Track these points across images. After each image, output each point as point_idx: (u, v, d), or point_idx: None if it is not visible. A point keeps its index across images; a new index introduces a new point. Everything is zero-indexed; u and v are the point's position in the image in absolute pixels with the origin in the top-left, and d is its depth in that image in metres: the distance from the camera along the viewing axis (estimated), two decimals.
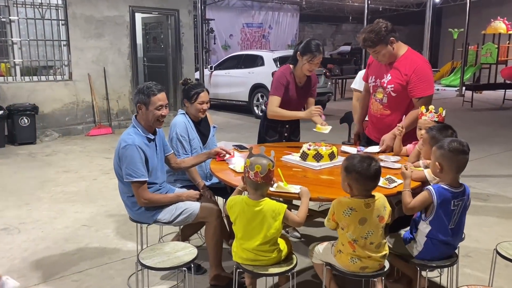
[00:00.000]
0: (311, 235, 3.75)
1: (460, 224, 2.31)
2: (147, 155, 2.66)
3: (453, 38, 18.33)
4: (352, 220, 2.12)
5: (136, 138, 2.64)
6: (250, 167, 2.20)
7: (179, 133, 3.14)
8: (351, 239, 2.14)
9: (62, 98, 8.11)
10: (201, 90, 3.19)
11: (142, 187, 2.64)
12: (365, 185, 2.12)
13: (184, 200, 2.81)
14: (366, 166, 2.10)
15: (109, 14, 8.40)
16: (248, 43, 18.16)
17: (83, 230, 3.90)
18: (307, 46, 3.37)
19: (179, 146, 3.14)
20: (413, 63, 3.08)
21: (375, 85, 3.26)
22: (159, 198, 2.75)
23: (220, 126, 9.57)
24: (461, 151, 2.22)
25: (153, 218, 2.76)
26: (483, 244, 3.61)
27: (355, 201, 2.14)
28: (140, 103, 2.69)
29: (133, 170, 2.59)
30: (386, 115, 3.24)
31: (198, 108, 3.18)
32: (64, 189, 5.03)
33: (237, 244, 2.33)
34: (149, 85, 2.72)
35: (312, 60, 3.36)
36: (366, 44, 3.05)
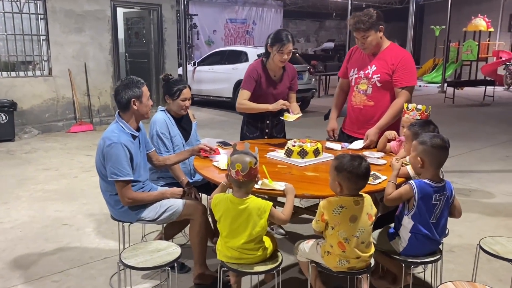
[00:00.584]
0: (295, 232, 3.73)
1: (442, 219, 2.31)
2: (132, 152, 2.60)
3: (435, 35, 18.54)
4: (343, 218, 2.11)
5: (121, 136, 2.58)
6: (231, 166, 2.17)
7: (159, 131, 3.08)
8: (343, 238, 2.11)
9: (41, 94, 7.93)
10: (183, 86, 3.13)
11: (126, 187, 2.58)
12: (356, 183, 2.12)
13: (169, 198, 2.76)
14: (357, 165, 2.10)
15: (89, 8, 8.24)
16: (232, 38, 18.08)
17: (63, 229, 3.81)
18: (276, 36, 3.32)
19: (160, 144, 3.08)
20: (399, 54, 3.19)
21: (358, 77, 3.28)
22: (143, 196, 2.69)
23: (204, 123, 9.52)
24: (443, 147, 2.24)
25: (137, 216, 2.70)
26: (466, 239, 3.65)
27: (344, 199, 2.13)
28: (135, 97, 2.62)
29: (118, 169, 2.53)
30: (370, 106, 3.26)
31: (180, 105, 3.12)
32: (44, 187, 4.92)
33: (221, 243, 2.29)
34: (135, 79, 2.68)
35: (282, 50, 3.27)
36: (358, 26, 3.06)
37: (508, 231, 3.84)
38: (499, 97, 13.14)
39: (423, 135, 2.31)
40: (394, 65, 3.13)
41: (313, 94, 10.86)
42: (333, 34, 22.35)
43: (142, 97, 2.64)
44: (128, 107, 2.63)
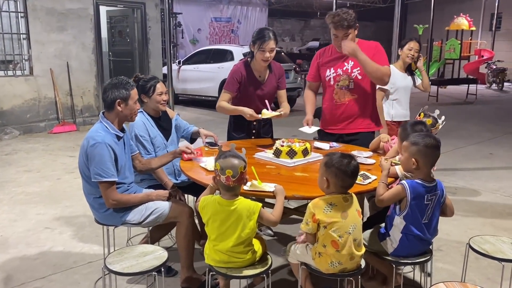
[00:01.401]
0: (284, 232, 3.70)
1: (434, 219, 2.30)
2: (116, 153, 2.53)
3: (418, 34, 18.71)
4: (334, 215, 2.08)
5: (106, 136, 2.51)
6: (221, 172, 2.11)
7: (138, 134, 3.00)
8: (337, 235, 2.08)
9: (22, 94, 7.76)
10: (156, 81, 3.08)
11: (111, 188, 2.50)
12: (343, 181, 2.09)
13: (154, 200, 2.70)
14: (346, 162, 2.09)
15: (71, 6, 8.08)
16: (217, 37, 17.96)
17: (45, 233, 3.70)
18: (257, 33, 3.27)
19: (140, 147, 3.00)
20: (370, 45, 3.31)
21: (337, 75, 3.33)
22: (128, 198, 2.62)
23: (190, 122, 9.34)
24: (436, 146, 2.23)
25: (122, 219, 2.63)
26: (453, 237, 3.66)
27: (333, 197, 2.11)
28: (121, 99, 2.55)
29: (102, 169, 2.46)
30: (354, 99, 3.33)
31: (158, 100, 3.06)
32: (25, 189, 4.79)
33: (209, 246, 2.24)
34: (126, 80, 2.61)
35: (263, 47, 3.21)
36: (342, 23, 3.09)
37: (494, 229, 3.86)
38: (481, 95, 13.35)
39: (413, 135, 2.30)
40: (370, 54, 3.23)
41: (299, 93, 10.85)
42: (318, 33, 22.37)
43: (129, 99, 2.57)
44: (113, 107, 2.56)
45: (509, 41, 18.90)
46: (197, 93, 10.90)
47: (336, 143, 3.31)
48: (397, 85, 4.16)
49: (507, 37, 18.91)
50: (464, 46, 16.29)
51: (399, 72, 4.20)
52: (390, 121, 4.14)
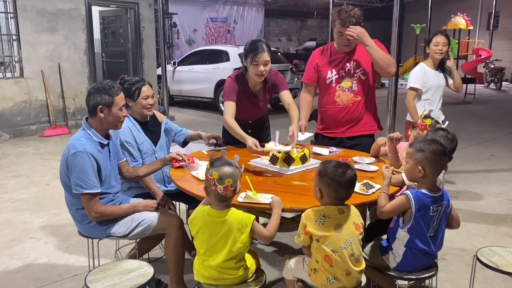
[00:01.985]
0: (280, 241, 3.54)
1: (440, 231, 2.15)
2: (99, 163, 2.37)
3: (415, 34, 18.60)
4: (327, 227, 1.93)
5: (88, 144, 2.34)
6: (219, 181, 1.94)
7: (123, 140, 2.84)
8: (330, 250, 1.92)
9: (12, 97, 7.57)
10: (141, 84, 2.89)
11: (93, 200, 2.34)
12: (336, 192, 1.94)
13: (141, 211, 2.53)
14: (340, 172, 1.93)
15: (63, 6, 7.90)
16: (213, 38, 17.80)
17: (30, 243, 3.54)
18: (248, 46, 3.03)
19: (126, 154, 2.83)
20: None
21: (339, 76, 3.19)
22: (113, 210, 2.46)
23: (184, 124, 9.24)
24: (443, 153, 2.08)
25: (106, 232, 2.47)
26: (456, 244, 3.51)
27: (327, 208, 1.96)
28: (103, 104, 2.37)
29: (83, 180, 2.30)
30: (358, 101, 3.20)
31: (143, 104, 2.88)
32: (12, 196, 4.62)
33: (198, 261, 2.08)
34: (110, 84, 2.42)
35: (256, 60, 2.96)
36: (350, 20, 2.96)
37: (499, 235, 3.72)
38: (479, 95, 13.21)
39: (418, 141, 2.15)
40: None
41: (296, 93, 10.68)
42: (315, 33, 22.23)
43: (112, 106, 2.39)
44: (95, 113, 2.39)
45: (507, 40, 18.80)
46: (193, 95, 10.74)
47: (336, 148, 3.16)
48: (429, 83, 3.95)
49: (505, 36, 18.80)
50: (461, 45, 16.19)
51: (430, 70, 3.97)
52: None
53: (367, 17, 3.14)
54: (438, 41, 3.87)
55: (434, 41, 3.89)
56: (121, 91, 2.45)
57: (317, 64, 3.27)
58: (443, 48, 3.87)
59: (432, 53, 3.93)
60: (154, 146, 3.00)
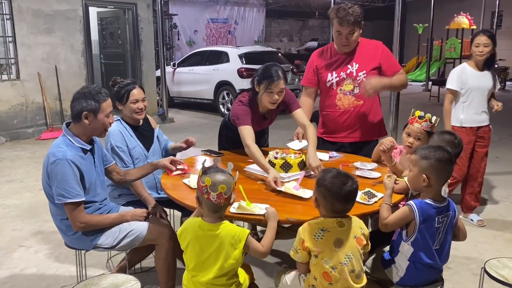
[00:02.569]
0: (278, 249, 3.39)
1: (446, 244, 2.01)
2: (82, 170, 2.24)
3: (418, 33, 18.46)
4: (325, 243, 1.79)
5: (68, 151, 2.21)
6: (212, 188, 1.80)
7: (114, 144, 2.71)
8: (329, 267, 1.79)
9: (9, 99, 7.46)
10: (132, 87, 2.75)
11: (77, 209, 2.21)
12: (332, 204, 1.80)
13: (129, 220, 2.40)
14: (338, 183, 1.78)
15: (59, 8, 7.79)
16: (214, 39, 17.69)
17: (19, 251, 3.41)
18: (263, 71, 2.77)
19: (117, 159, 2.70)
20: (375, 46, 3.08)
21: (340, 79, 3.04)
22: (99, 220, 2.33)
23: (184, 126, 9.14)
24: (449, 160, 1.94)
25: (93, 243, 2.34)
26: (462, 253, 3.37)
27: (326, 221, 1.82)
28: (88, 110, 2.24)
29: (65, 189, 2.17)
30: (360, 106, 3.07)
31: (132, 108, 2.75)
32: (4, 202, 4.50)
33: (187, 277, 1.95)
34: (97, 89, 2.29)
35: (271, 88, 2.72)
36: (348, 19, 2.83)
37: (506, 242, 3.58)
38: None
39: (422, 147, 2.01)
40: (378, 56, 3.02)
41: (297, 95, 10.56)
42: (316, 33, 22.11)
43: (99, 112, 2.26)
44: (79, 119, 2.26)
45: (510, 39, 18.63)
46: (192, 96, 10.62)
47: (337, 153, 3.02)
48: (468, 85, 3.73)
49: (508, 36, 18.64)
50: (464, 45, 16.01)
51: (472, 71, 3.74)
52: (458, 126, 3.78)
53: (368, 17, 3.01)
54: (479, 42, 3.65)
55: (475, 42, 3.68)
56: (109, 97, 2.32)
57: (317, 67, 3.14)
58: (484, 49, 3.65)
59: (474, 54, 3.73)
60: (147, 151, 2.88)
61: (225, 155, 3.02)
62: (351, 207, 1.87)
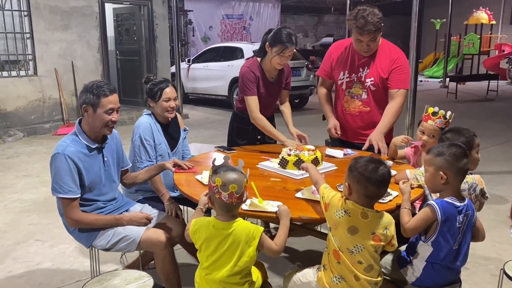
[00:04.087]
0: (291, 246, 3.37)
1: (465, 244, 1.96)
2: (80, 167, 2.22)
3: (435, 29, 18.16)
4: (341, 223, 1.80)
5: (70, 146, 2.21)
6: (223, 188, 1.79)
7: (143, 136, 2.71)
8: (337, 246, 1.81)
9: (26, 95, 7.57)
10: (165, 85, 2.76)
11: (70, 205, 2.21)
12: (365, 188, 1.78)
13: (125, 225, 2.33)
14: (372, 168, 1.78)
15: (76, 4, 7.86)
16: (229, 35, 17.67)
17: (35, 246, 3.45)
18: (277, 36, 2.90)
19: (142, 151, 2.71)
20: (392, 54, 2.93)
21: (350, 80, 2.96)
22: (91, 219, 2.29)
23: (198, 122, 9.15)
24: (464, 155, 1.89)
25: (88, 242, 2.35)
26: (480, 252, 3.30)
27: (353, 205, 1.80)
28: (87, 104, 2.24)
29: (58, 183, 2.17)
30: (365, 112, 2.97)
31: (164, 106, 2.75)
32: (21, 196, 4.56)
33: (201, 274, 1.94)
34: (99, 84, 2.28)
35: (283, 53, 2.90)
36: (369, 28, 2.68)
37: None
38: (502, 92, 12.80)
39: (435, 146, 1.96)
40: (389, 66, 2.87)
41: (311, 91, 10.50)
42: (332, 29, 21.92)
43: (98, 107, 2.23)
44: (81, 113, 2.28)
45: None
46: (207, 92, 10.63)
47: (351, 150, 2.96)
48: None
49: None
50: (483, 40, 15.76)
51: None
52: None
53: (385, 12, 2.90)
54: None
55: None
56: (113, 94, 2.27)
57: (333, 60, 3.06)
58: None
59: None
60: (171, 151, 2.88)
61: (238, 151, 3.00)
62: (384, 192, 1.87)
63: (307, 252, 3.33)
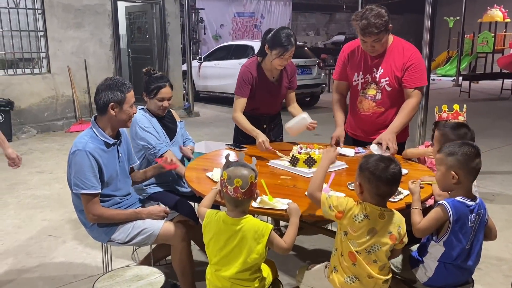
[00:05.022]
0: (300, 245, 3.37)
1: (477, 244, 1.94)
2: (100, 163, 2.26)
3: (448, 27, 17.97)
4: (361, 227, 1.79)
5: (90, 143, 2.24)
6: (228, 181, 1.81)
7: (142, 126, 2.74)
8: (354, 248, 1.80)
9: (40, 92, 7.65)
10: (163, 84, 2.77)
11: (92, 201, 2.24)
12: (377, 187, 1.78)
13: (144, 218, 2.38)
14: (383, 166, 1.77)
15: (88, 2, 7.92)
16: (240, 33, 17.68)
17: (48, 241, 3.50)
18: (276, 38, 2.84)
19: (148, 137, 2.73)
20: (406, 52, 2.85)
21: (365, 81, 2.93)
22: (112, 214, 2.33)
23: (209, 120, 9.18)
24: (477, 155, 1.88)
25: (107, 237, 2.37)
26: (492, 253, 3.27)
27: (371, 207, 1.79)
28: (114, 101, 2.27)
29: (81, 180, 2.21)
30: (380, 113, 2.92)
31: (157, 105, 2.78)
32: (34, 192, 4.63)
33: (211, 271, 1.95)
34: (121, 81, 2.33)
35: (283, 55, 2.85)
36: (371, 31, 2.62)
37: None
38: None
39: (447, 145, 1.95)
40: (404, 64, 2.81)
41: (323, 89, 10.47)
42: (344, 27, 21.78)
43: (124, 103, 2.29)
44: (105, 111, 2.29)
45: None
46: (218, 90, 10.65)
47: (363, 149, 2.94)
48: None
49: None
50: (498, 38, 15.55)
51: None
52: None
53: (398, 10, 2.88)
54: None
55: None
56: (132, 88, 2.35)
57: (346, 62, 3.02)
58: None
59: None
60: (169, 141, 2.90)
61: (248, 149, 3.01)
62: (396, 190, 1.86)
63: (317, 250, 3.32)
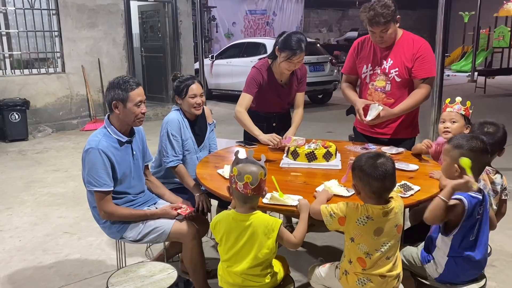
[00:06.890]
0: (311, 242, 3.37)
1: (483, 235, 1.93)
2: (113, 161, 2.30)
3: (463, 22, 17.73)
4: (367, 230, 1.78)
5: (103, 141, 2.28)
6: (238, 178, 1.83)
7: (170, 132, 2.76)
8: (364, 252, 1.79)
9: (55, 92, 7.77)
10: (191, 82, 2.79)
11: (104, 198, 2.28)
12: (369, 185, 1.75)
13: (159, 218, 2.42)
14: (370, 162, 1.75)
15: (102, 2, 8.01)
16: (252, 30, 17.69)
17: (64, 238, 3.56)
18: (287, 41, 2.86)
19: (169, 146, 2.75)
20: (415, 43, 2.88)
21: (374, 73, 2.95)
22: (124, 212, 2.36)
23: (221, 118, 9.20)
24: (484, 150, 1.88)
25: (119, 234, 2.41)
26: (507, 249, 3.24)
27: (373, 207, 1.77)
28: (117, 100, 2.31)
29: (94, 178, 2.25)
30: (389, 104, 2.91)
31: (190, 103, 2.78)
32: (50, 190, 4.70)
33: (223, 267, 1.97)
34: (125, 79, 2.35)
35: (291, 59, 2.86)
36: (378, 20, 2.67)
37: None
38: None
39: (457, 137, 1.94)
40: (414, 55, 2.83)
41: (335, 86, 10.41)
42: (357, 23, 21.62)
43: (128, 101, 2.30)
44: (111, 109, 2.34)
45: None
46: (230, 88, 10.67)
47: (373, 145, 2.94)
48: None
49: None
50: None
51: None
52: None
53: (411, 5, 2.88)
54: None
55: None
56: (139, 86, 2.35)
57: (356, 56, 3.06)
58: None
59: None
60: (197, 146, 2.92)
61: (259, 146, 3.02)
62: (391, 185, 1.78)
63: (329, 247, 3.32)
